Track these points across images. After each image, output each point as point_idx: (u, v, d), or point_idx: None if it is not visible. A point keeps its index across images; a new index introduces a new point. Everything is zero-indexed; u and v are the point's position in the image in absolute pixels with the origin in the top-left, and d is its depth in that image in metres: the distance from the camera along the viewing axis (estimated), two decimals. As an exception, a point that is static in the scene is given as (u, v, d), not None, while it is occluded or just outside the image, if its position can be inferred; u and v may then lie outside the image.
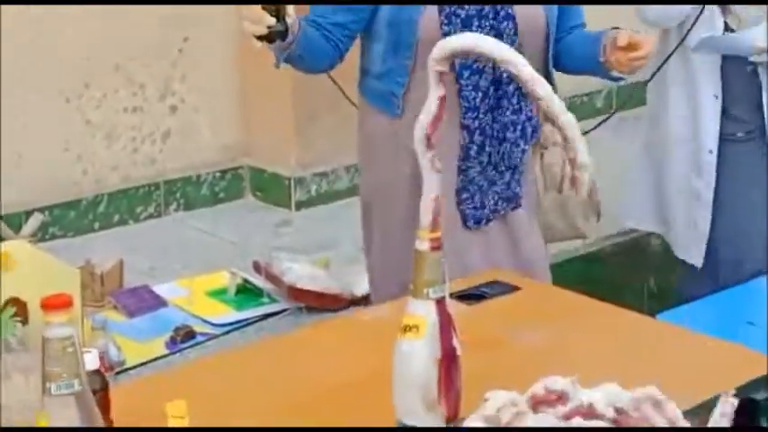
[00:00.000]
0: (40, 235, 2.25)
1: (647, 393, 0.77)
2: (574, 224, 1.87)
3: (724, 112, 2.12)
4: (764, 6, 2.09)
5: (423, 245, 0.87)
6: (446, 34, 1.52)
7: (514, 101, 1.64)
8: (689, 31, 2.07)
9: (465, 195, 1.62)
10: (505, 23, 1.62)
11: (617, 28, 1.59)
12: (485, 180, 1.64)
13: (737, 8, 2.07)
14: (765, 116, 2.11)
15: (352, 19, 1.56)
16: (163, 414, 0.98)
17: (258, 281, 2.11)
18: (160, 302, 2.06)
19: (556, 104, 0.90)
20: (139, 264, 2.23)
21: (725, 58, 2.10)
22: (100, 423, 0.87)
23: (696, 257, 2.16)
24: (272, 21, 1.45)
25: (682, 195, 2.21)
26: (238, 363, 1.21)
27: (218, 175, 2.83)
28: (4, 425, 1.01)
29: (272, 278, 2.06)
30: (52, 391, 0.79)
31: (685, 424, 0.82)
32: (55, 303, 0.78)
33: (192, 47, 2.73)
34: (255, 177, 2.89)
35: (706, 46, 2.08)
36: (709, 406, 0.88)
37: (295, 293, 1.98)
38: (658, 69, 2.17)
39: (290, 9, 1.46)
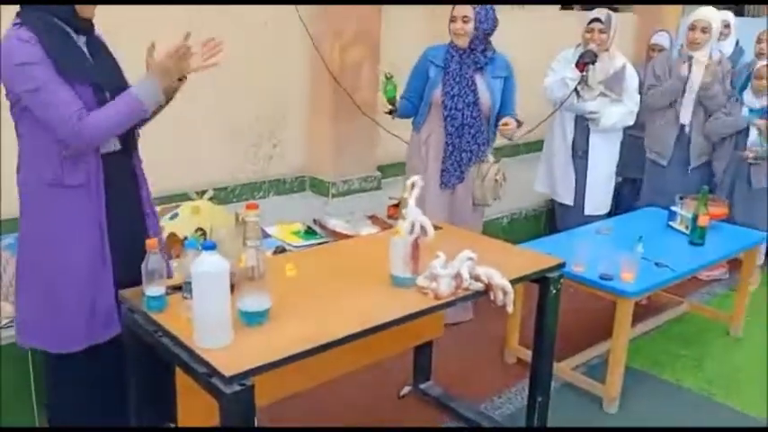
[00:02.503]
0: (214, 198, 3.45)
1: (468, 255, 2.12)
2: (485, 197, 3.26)
3: (574, 142, 3.85)
4: (596, 91, 3.68)
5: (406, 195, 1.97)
6: (442, 100, 3.08)
7: (471, 136, 3.12)
8: (563, 103, 3.70)
9: (444, 173, 3.16)
10: (472, 98, 3.07)
11: (507, 116, 3.13)
12: (454, 168, 3.15)
13: (585, 93, 3.67)
14: (589, 143, 3.82)
15: (416, 96, 3.18)
16: (283, 270, 1.96)
17: (315, 227, 3.54)
18: (267, 235, 3.29)
19: (496, 278, 1.90)
20: (261, 216, 3.43)
21: (576, 115, 3.80)
22: (264, 263, 1.57)
23: (569, 199, 3.92)
24: (389, 107, 3.10)
25: (563, 171, 3.92)
26: (309, 255, 2.44)
27: (294, 179, 4.34)
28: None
29: (321, 226, 3.54)
30: (248, 244, 1.57)
31: (496, 273, 1.86)
32: (250, 206, 1.60)
33: (285, 115, 4.22)
34: (312, 181, 4.39)
35: (567, 108, 3.76)
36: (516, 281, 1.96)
37: (332, 233, 3.46)
38: (542, 121, 3.99)
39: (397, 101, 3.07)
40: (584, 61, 3.58)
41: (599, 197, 3.94)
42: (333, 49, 4.11)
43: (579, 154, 3.89)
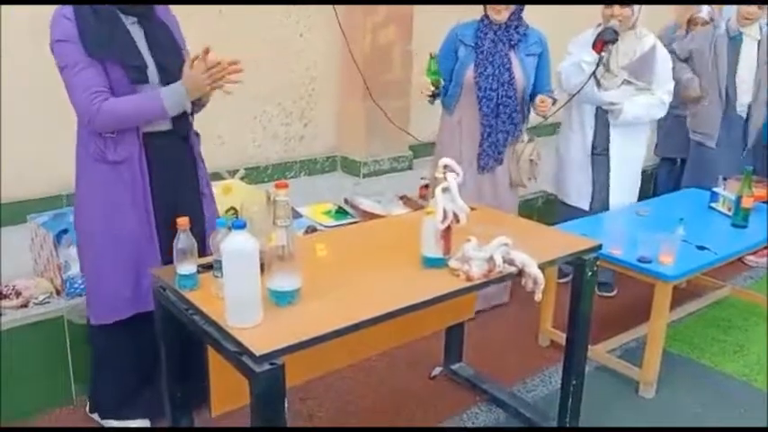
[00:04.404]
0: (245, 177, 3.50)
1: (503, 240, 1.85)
2: (520, 179, 3.12)
3: (594, 137, 3.32)
4: (618, 77, 3.15)
5: (440, 175, 1.85)
6: (476, 81, 2.92)
7: (506, 116, 2.97)
8: (579, 90, 3.14)
9: (482, 156, 3.02)
10: (507, 77, 2.91)
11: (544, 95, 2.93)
12: (492, 150, 3.01)
13: (605, 80, 3.14)
14: (610, 137, 3.32)
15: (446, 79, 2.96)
16: (314, 250, 1.94)
17: (346, 207, 3.51)
18: (298, 215, 3.26)
19: (533, 267, 1.83)
20: (290, 196, 3.53)
21: (597, 107, 3.28)
22: (294, 242, 1.53)
23: (583, 204, 3.40)
24: (432, 89, 2.86)
25: (578, 171, 3.40)
26: (340, 235, 2.38)
27: (325, 159, 4.34)
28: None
29: (353, 206, 3.51)
30: (278, 223, 1.52)
31: (531, 261, 1.79)
32: (280, 185, 1.56)
33: (315, 95, 4.23)
34: (344, 161, 4.39)
35: (584, 99, 3.24)
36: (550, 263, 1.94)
37: (363, 213, 3.43)
38: (557, 110, 3.30)
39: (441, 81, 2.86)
40: (603, 40, 3.02)
41: (622, 202, 3.37)
42: (364, 29, 4.06)
43: (598, 151, 3.37)
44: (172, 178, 2.11)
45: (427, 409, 2.59)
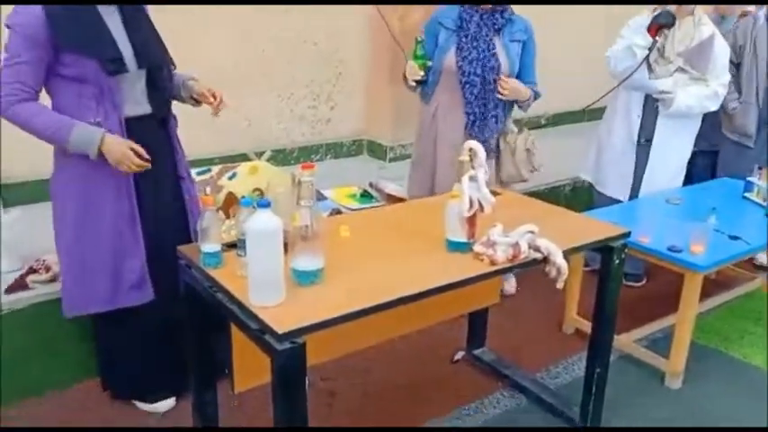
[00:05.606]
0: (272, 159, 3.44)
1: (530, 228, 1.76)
2: (519, 172, 2.96)
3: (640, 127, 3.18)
4: (673, 64, 3.01)
5: (465, 158, 1.81)
6: (459, 66, 2.71)
7: (495, 103, 2.75)
8: (629, 76, 3.00)
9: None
10: (495, 62, 2.73)
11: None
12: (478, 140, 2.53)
13: (658, 66, 3.03)
14: (656, 126, 3.18)
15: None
16: (338, 231, 1.94)
17: (370, 190, 3.52)
18: (323, 197, 3.32)
19: (558, 257, 1.80)
20: (316, 179, 3.53)
21: (646, 95, 3.13)
22: (318, 223, 1.55)
23: (622, 195, 3.24)
24: (421, 74, 2.71)
25: (619, 160, 3.24)
26: (364, 217, 2.35)
27: (351, 142, 4.36)
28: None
29: (377, 189, 3.50)
30: (302, 203, 1.54)
31: (557, 251, 1.73)
32: (306, 166, 1.60)
33: (343, 78, 4.24)
34: (370, 145, 4.40)
35: (633, 85, 3.09)
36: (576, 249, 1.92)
37: (387, 196, 3.42)
38: (602, 96, 3.29)
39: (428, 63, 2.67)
40: (659, 23, 2.91)
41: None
42: (394, 11, 4.02)
43: (642, 141, 3.21)
44: (152, 162, 2.07)
45: (448, 391, 2.58)
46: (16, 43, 1.90)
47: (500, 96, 2.79)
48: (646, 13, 3.12)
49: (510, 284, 3.36)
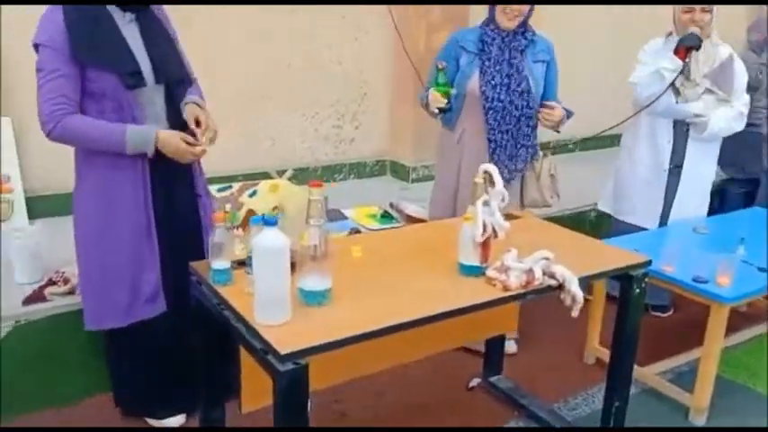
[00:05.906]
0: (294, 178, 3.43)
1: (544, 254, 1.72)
2: (543, 198, 2.87)
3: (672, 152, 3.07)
4: (700, 86, 2.94)
5: (480, 181, 1.79)
6: (482, 91, 2.65)
7: (529, 128, 2.70)
8: (654, 101, 2.92)
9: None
10: (525, 85, 2.62)
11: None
12: (501, 168, 2.58)
13: (686, 90, 2.95)
14: (686, 153, 3.10)
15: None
16: (350, 251, 1.92)
17: (391, 211, 3.50)
18: (344, 217, 3.35)
19: (573, 285, 1.75)
20: (338, 198, 3.43)
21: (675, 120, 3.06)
22: (327, 242, 1.51)
23: (650, 223, 3.13)
24: (445, 101, 2.63)
25: (642, 191, 3.15)
26: (378, 237, 2.39)
27: (375, 162, 4.35)
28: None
29: (398, 210, 3.48)
30: (311, 222, 1.52)
31: (573, 278, 1.67)
32: (315, 184, 1.54)
33: (368, 99, 4.27)
34: (393, 165, 4.39)
35: (662, 111, 3.00)
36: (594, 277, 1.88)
37: (407, 217, 3.40)
38: (623, 121, 3.18)
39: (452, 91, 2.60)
40: (686, 46, 2.85)
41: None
42: (418, 31, 4.03)
43: (671, 168, 3.13)
44: (171, 179, 2.08)
45: (461, 418, 2.52)
46: (51, 58, 1.89)
47: (544, 126, 2.71)
48: (659, 38, 3.09)
49: (510, 346, 3.05)
